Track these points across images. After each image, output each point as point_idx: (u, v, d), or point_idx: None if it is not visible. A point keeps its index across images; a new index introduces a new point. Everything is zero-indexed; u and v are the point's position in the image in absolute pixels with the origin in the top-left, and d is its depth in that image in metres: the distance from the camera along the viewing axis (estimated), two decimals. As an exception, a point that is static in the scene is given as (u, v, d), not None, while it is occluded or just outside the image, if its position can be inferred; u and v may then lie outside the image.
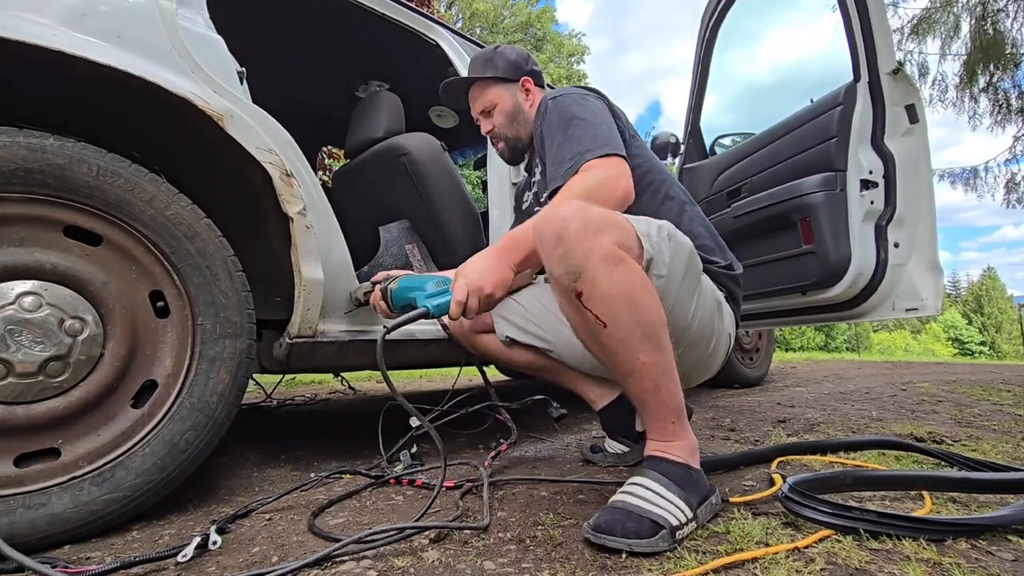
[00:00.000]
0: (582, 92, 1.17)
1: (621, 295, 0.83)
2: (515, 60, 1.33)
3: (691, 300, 1.00)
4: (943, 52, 6.73)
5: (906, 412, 2.20)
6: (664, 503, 0.83)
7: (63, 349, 0.91)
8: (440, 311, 0.94)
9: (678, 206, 1.18)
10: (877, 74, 1.60)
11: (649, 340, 0.85)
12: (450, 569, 0.76)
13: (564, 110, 1.12)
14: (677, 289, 0.95)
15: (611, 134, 1.08)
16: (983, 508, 0.97)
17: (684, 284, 0.97)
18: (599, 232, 0.82)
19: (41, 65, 0.96)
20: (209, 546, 0.83)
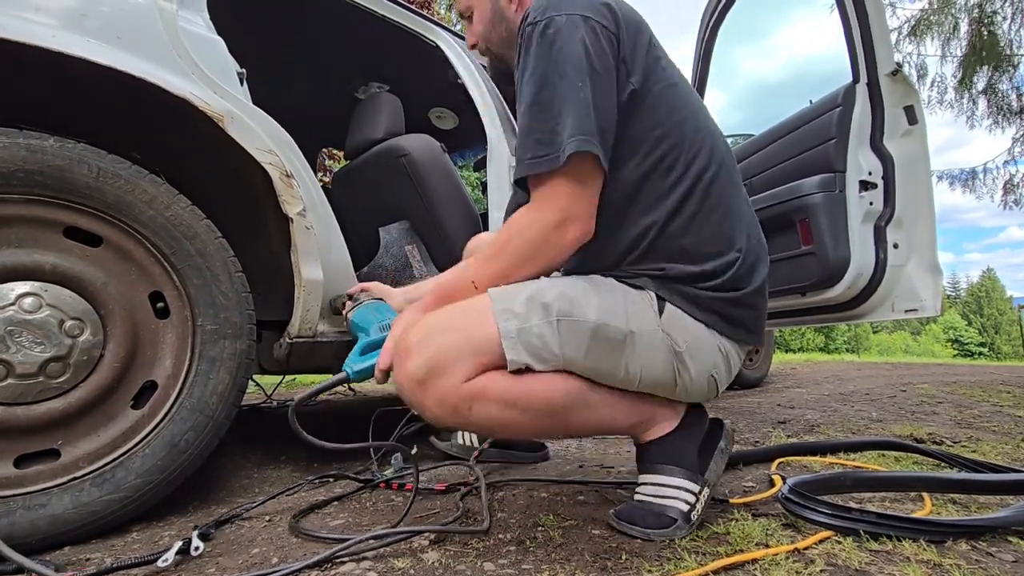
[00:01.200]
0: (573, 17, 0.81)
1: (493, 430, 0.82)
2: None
3: (617, 367, 0.81)
4: (942, 53, 6.74)
5: (906, 413, 2.20)
6: (672, 492, 0.86)
7: (63, 350, 0.91)
8: (363, 377, 0.89)
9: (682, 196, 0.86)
10: (876, 75, 1.60)
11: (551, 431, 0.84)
12: (450, 570, 0.76)
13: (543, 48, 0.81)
14: (586, 364, 0.80)
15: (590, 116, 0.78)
16: (983, 509, 0.97)
17: (593, 358, 0.80)
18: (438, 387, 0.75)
19: (41, 66, 0.96)
20: (191, 552, 0.82)
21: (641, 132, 0.85)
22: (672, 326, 0.83)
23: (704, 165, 0.87)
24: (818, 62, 37.67)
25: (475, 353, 0.76)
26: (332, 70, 2.32)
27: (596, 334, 0.79)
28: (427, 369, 0.75)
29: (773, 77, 48.12)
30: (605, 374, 0.82)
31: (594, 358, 0.80)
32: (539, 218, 0.81)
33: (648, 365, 0.83)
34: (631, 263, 0.87)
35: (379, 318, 1.01)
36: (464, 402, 0.76)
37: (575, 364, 0.80)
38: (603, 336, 0.80)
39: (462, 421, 0.78)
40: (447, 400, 0.76)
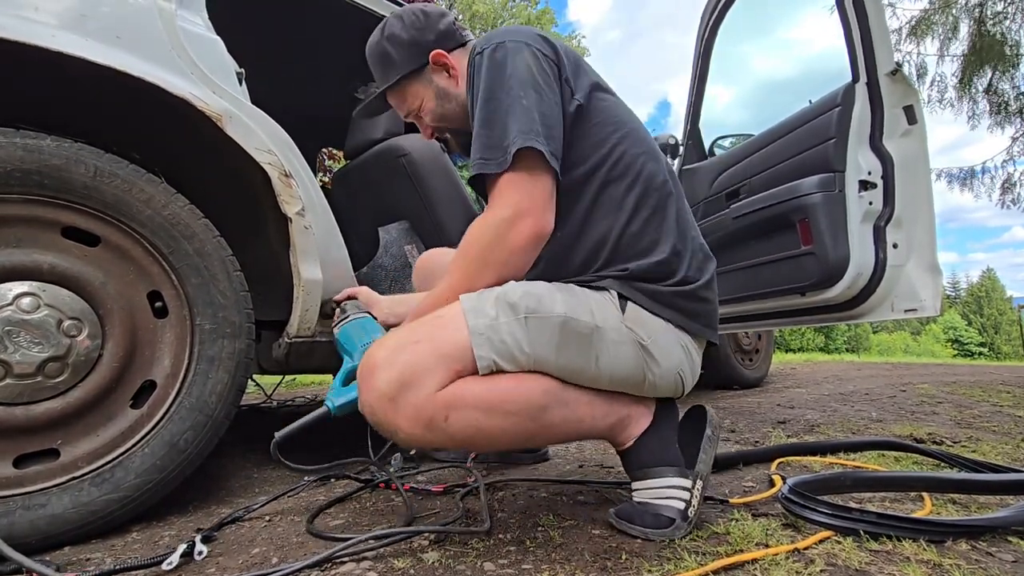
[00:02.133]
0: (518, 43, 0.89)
1: (470, 438, 0.77)
2: (411, 38, 1.01)
3: (587, 362, 0.82)
4: (941, 53, 6.74)
5: (906, 413, 2.20)
6: (666, 492, 0.86)
7: (61, 350, 0.91)
8: (345, 411, 0.87)
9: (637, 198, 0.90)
10: (876, 75, 1.60)
11: (533, 436, 0.82)
12: (450, 570, 0.76)
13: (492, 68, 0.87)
14: (556, 361, 0.80)
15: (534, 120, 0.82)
16: (983, 509, 0.96)
17: (563, 352, 0.80)
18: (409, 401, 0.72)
19: (41, 66, 0.95)
20: (195, 556, 0.81)
21: (591, 144, 0.91)
22: (635, 321, 0.85)
23: (653, 171, 0.93)
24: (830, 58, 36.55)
25: (446, 361, 0.74)
26: (331, 70, 2.32)
27: (564, 327, 0.80)
28: (397, 383, 0.72)
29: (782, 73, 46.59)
30: (576, 371, 0.82)
31: (565, 354, 0.80)
32: (492, 216, 0.83)
33: (617, 359, 0.84)
34: (596, 269, 0.90)
35: (363, 340, 0.96)
36: (440, 412, 0.73)
37: (546, 362, 0.79)
38: (571, 330, 0.80)
39: (439, 435, 0.74)
40: (421, 413, 0.72)
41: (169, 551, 0.80)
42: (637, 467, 0.90)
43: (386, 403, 0.73)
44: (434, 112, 1.04)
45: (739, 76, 29.57)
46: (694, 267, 0.92)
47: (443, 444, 0.76)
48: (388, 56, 1.03)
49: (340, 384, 0.91)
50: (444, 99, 1.03)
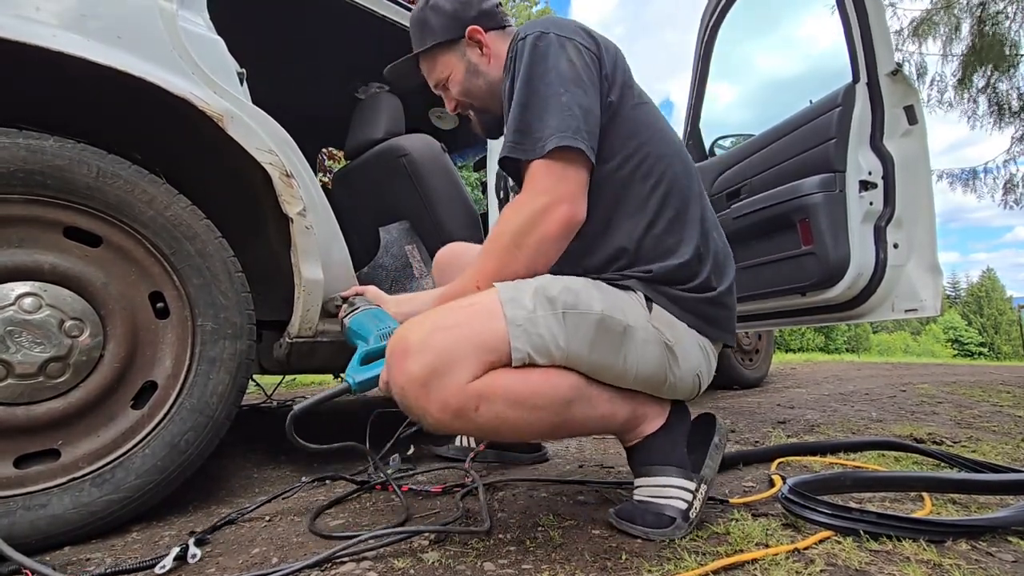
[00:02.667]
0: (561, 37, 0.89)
1: (500, 431, 0.78)
2: (452, 9, 1.03)
3: (616, 360, 0.83)
4: (944, 53, 6.73)
5: (906, 413, 2.20)
6: (669, 491, 0.86)
7: (63, 350, 0.91)
8: (365, 389, 0.87)
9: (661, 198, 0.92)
10: (876, 75, 1.60)
11: (555, 430, 0.83)
12: (450, 570, 0.76)
13: (534, 57, 0.88)
14: (588, 357, 0.80)
15: (573, 115, 0.84)
16: (983, 509, 0.97)
17: (596, 351, 0.81)
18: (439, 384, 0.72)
19: (42, 66, 0.96)
20: (188, 559, 0.80)
21: (619, 141, 0.91)
22: (661, 322, 0.87)
23: (677, 172, 0.94)
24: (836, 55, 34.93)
25: (481, 351, 0.74)
26: (332, 70, 2.32)
27: (601, 325, 0.80)
28: (430, 369, 0.72)
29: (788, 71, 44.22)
30: (605, 368, 0.82)
31: (597, 351, 0.80)
32: (525, 202, 0.84)
33: (643, 358, 0.85)
34: (619, 268, 0.91)
35: (379, 326, 0.99)
36: (471, 402, 0.73)
37: (579, 358, 0.79)
38: (606, 328, 0.81)
39: (466, 424, 0.75)
40: (451, 402, 0.72)
41: (163, 554, 0.80)
42: (643, 464, 0.90)
43: (418, 387, 0.72)
44: (462, 85, 1.05)
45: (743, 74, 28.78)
46: (716, 271, 0.93)
47: (468, 432, 0.78)
48: (427, 22, 1.04)
49: (358, 363, 0.91)
50: (473, 74, 1.04)
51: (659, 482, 0.88)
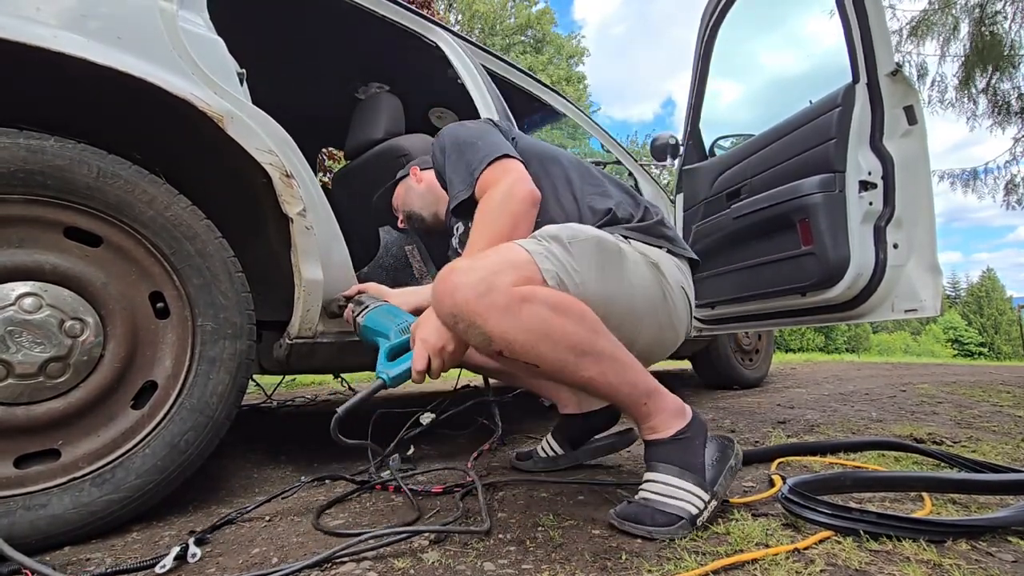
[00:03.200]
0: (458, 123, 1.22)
1: (537, 336, 0.82)
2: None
3: (622, 280, 0.98)
4: (942, 53, 6.73)
5: (906, 413, 2.20)
6: (681, 494, 0.87)
7: (63, 350, 0.91)
8: (400, 381, 0.92)
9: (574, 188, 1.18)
10: (876, 75, 1.60)
11: (586, 356, 0.85)
12: (450, 570, 0.76)
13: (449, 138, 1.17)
14: (600, 285, 0.94)
15: (494, 142, 1.11)
16: (983, 509, 0.97)
17: (605, 275, 0.95)
18: (489, 289, 0.81)
19: (42, 66, 0.96)
20: (188, 558, 0.81)
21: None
22: (640, 249, 1.07)
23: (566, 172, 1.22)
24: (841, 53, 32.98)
25: (516, 267, 0.85)
26: (332, 70, 2.32)
27: (599, 245, 0.96)
28: (479, 280, 0.81)
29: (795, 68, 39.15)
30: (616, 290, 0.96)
31: (607, 273, 0.95)
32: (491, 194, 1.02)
33: (642, 278, 1.02)
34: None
35: (396, 321, 1.02)
36: (515, 301, 0.81)
37: (591, 283, 0.92)
38: (604, 248, 0.97)
39: (512, 324, 0.80)
40: (500, 300, 0.80)
41: (163, 554, 0.80)
42: (660, 460, 0.91)
43: (471, 295, 0.80)
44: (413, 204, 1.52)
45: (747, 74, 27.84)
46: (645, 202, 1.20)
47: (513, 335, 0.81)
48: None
49: (387, 360, 0.95)
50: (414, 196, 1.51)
51: (673, 482, 0.88)
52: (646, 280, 1.03)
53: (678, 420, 0.93)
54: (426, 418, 1.48)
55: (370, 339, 1.07)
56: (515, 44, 20.94)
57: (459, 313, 0.82)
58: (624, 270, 0.99)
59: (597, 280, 0.93)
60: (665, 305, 1.06)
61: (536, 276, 0.86)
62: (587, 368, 0.85)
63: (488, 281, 0.81)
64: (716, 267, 2.08)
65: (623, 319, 0.98)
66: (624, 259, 1.00)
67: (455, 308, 0.82)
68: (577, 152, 19.78)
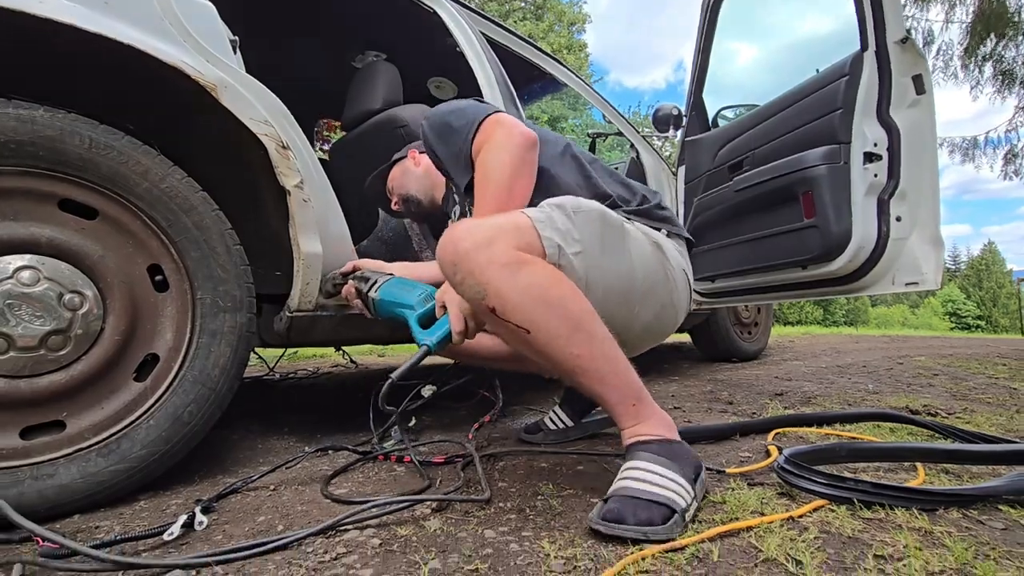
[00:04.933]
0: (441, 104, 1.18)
1: (533, 298, 0.80)
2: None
3: (624, 256, 0.97)
4: (947, 19, 6.56)
5: (902, 385, 2.22)
6: (670, 484, 0.79)
7: (63, 323, 0.91)
8: (443, 346, 0.93)
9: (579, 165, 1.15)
10: (885, 43, 1.56)
11: (578, 331, 0.82)
12: (452, 537, 0.77)
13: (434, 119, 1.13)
14: (602, 256, 0.92)
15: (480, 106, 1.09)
16: (975, 479, 0.98)
17: (608, 247, 0.94)
18: (491, 243, 0.81)
19: (27, 33, 0.93)
20: (195, 526, 0.82)
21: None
22: (641, 229, 1.07)
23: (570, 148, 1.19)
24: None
25: (516, 231, 0.84)
26: (328, 38, 2.26)
27: (603, 219, 0.94)
28: (481, 237, 0.81)
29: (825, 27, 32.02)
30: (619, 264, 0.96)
31: (608, 248, 0.93)
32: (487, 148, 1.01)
33: (643, 255, 1.01)
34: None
35: (415, 292, 1.03)
36: (515, 262, 0.81)
37: (593, 253, 0.90)
38: (608, 222, 0.95)
39: (511, 284, 0.80)
40: (502, 257, 0.80)
41: (170, 522, 0.81)
42: (644, 450, 0.83)
43: (473, 252, 0.80)
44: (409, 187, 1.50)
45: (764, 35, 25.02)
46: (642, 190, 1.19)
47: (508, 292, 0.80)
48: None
49: (420, 329, 0.96)
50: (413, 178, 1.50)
51: (658, 470, 0.80)
52: (648, 258, 1.02)
53: (670, 432, 0.86)
54: (427, 390, 1.49)
55: (388, 312, 1.06)
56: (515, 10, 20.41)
57: (459, 262, 0.81)
58: (626, 246, 0.98)
59: (598, 253, 0.91)
60: (667, 284, 1.05)
61: (536, 242, 0.85)
62: (578, 344, 0.82)
63: (491, 237, 0.81)
64: (717, 240, 2.07)
65: (624, 296, 0.97)
66: (627, 235, 0.99)
67: (456, 256, 0.82)
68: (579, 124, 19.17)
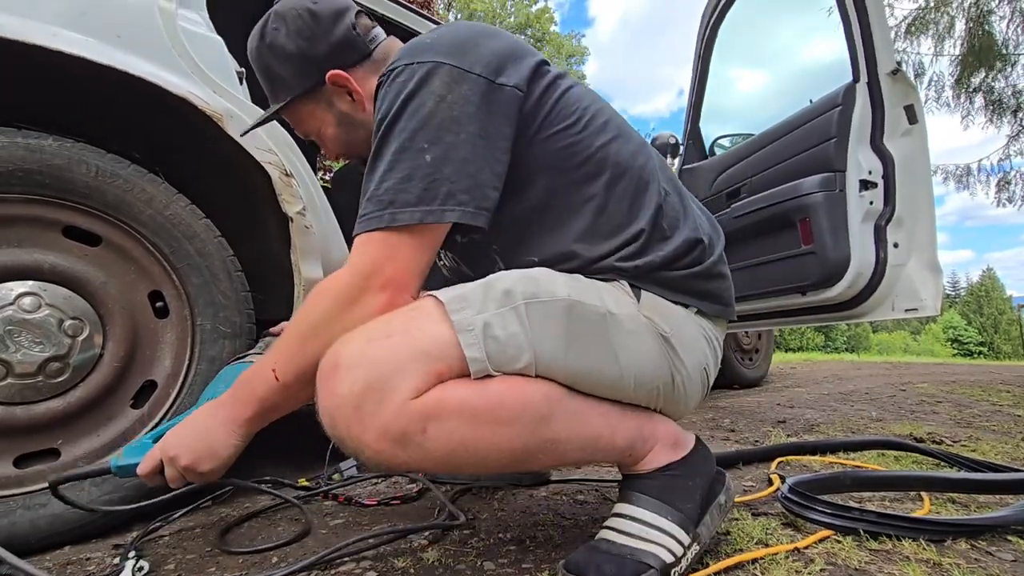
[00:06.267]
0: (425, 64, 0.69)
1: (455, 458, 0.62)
2: (298, 50, 0.80)
3: (605, 358, 0.68)
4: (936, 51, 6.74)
5: (905, 412, 2.20)
6: (653, 534, 0.68)
7: (62, 349, 0.91)
8: (123, 474, 0.76)
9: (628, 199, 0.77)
10: (876, 75, 1.60)
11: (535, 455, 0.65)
12: (450, 570, 0.76)
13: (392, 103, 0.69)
14: (567, 359, 0.66)
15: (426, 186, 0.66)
16: (982, 509, 0.97)
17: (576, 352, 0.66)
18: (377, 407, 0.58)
19: (41, 65, 0.95)
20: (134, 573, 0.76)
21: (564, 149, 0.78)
22: (652, 310, 0.73)
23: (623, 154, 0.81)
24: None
25: (424, 360, 0.60)
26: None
27: (572, 312, 0.66)
28: (363, 386, 0.58)
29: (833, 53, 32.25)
30: (594, 372, 0.67)
31: (577, 350, 0.66)
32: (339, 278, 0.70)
33: (640, 355, 0.70)
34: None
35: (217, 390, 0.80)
36: (416, 424, 0.58)
37: (555, 363, 0.65)
38: (580, 316, 0.67)
39: (414, 453, 0.59)
40: (392, 426, 0.58)
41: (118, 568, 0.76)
42: (634, 489, 0.73)
43: (350, 411, 0.58)
44: (337, 140, 0.87)
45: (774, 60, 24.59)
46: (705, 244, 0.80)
47: (419, 464, 0.61)
48: (272, 71, 0.83)
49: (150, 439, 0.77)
50: (349, 126, 0.86)
51: (646, 517, 0.70)
52: (644, 359, 0.71)
53: (669, 453, 0.74)
54: None
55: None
56: (515, 43, 20.91)
57: (341, 438, 0.61)
58: (611, 347, 0.68)
59: (563, 355, 0.65)
60: (671, 391, 0.74)
61: (456, 364, 0.61)
62: (541, 460, 0.67)
63: (377, 392, 0.58)
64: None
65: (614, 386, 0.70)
66: (614, 331, 0.69)
67: (335, 432, 0.61)
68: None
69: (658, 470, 0.73)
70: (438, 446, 0.60)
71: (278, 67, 0.82)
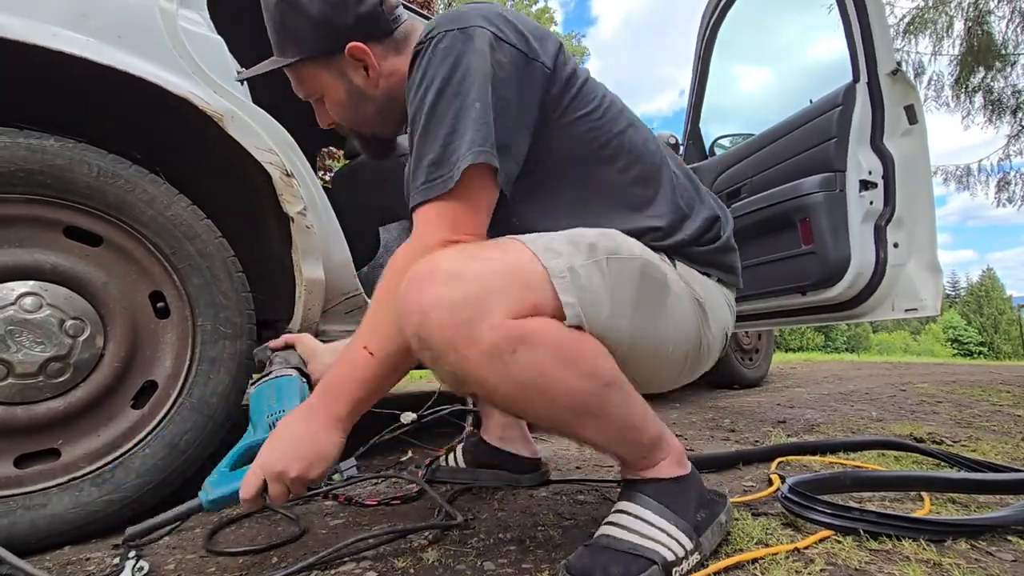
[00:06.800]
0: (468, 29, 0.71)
1: (529, 391, 0.62)
2: (322, 14, 0.78)
3: (658, 319, 0.73)
4: (934, 51, 6.75)
5: (905, 413, 2.20)
6: (655, 533, 0.69)
7: (63, 350, 0.91)
8: (218, 507, 0.74)
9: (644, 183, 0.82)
10: (876, 75, 1.60)
11: (588, 417, 0.67)
12: (450, 570, 0.76)
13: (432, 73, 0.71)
14: (630, 328, 0.69)
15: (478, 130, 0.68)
16: (983, 509, 0.97)
17: (640, 314, 0.70)
18: (475, 316, 0.58)
19: (41, 65, 0.96)
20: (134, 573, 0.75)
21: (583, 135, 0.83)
22: (688, 277, 0.80)
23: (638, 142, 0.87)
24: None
25: (522, 286, 0.62)
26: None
27: (644, 272, 0.71)
28: (463, 295, 0.59)
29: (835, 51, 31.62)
30: (649, 331, 0.71)
31: (643, 310, 0.70)
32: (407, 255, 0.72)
33: (683, 318, 0.76)
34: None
35: (273, 408, 0.80)
36: (508, 343, 0.59)
37: (623, 319, 0.68)
38: (649, 276, 0.72)
39: (496, 372, 0.60)
40: (486, 336, 0.58)
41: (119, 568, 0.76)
42: (637, 490, 0.74)
43: (445, 314, 0.58)
44: (342, 110, 0.86)
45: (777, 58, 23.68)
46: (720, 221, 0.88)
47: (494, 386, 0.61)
48: (286, 25, 0.81)
49: (227, 467, 0.76)
50: (360, 99, 0.85)
51: (648, 516, 0.71)
52: (685, 322, 0.77)
53: (675, 467, 0.76)
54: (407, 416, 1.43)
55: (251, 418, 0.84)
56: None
57: (427, 338, 0.60)
58: (664, 308, 0.73)
59: (629, 321, 0.69)
60: (697, 354, 0.81)
61: (547, 305, 0.63)
62: (585, 428, 0.68)
63: (476, 304, 0.59)
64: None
65: (641, 364, 0.74)
66: (667, 293, 0.74)
67: (423, 330, 0.60)
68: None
69: (662, 479, 0.75)
70: (520, 370, 0.61)
71: (295, 24, 0.80)
